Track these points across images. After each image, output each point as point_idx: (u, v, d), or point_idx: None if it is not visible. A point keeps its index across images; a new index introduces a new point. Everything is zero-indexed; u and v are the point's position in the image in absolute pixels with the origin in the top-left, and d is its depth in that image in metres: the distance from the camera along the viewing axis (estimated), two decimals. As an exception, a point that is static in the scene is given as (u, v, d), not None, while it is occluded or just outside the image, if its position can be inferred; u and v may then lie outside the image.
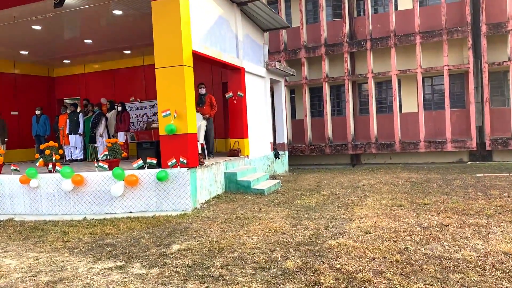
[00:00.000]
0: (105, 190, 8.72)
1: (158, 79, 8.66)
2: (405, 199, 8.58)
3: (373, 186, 10.48)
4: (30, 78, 15.76)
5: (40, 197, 9.07)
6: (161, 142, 8.71)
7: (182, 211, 8.44)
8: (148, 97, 14.99)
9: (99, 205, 8.76)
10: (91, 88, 15.93)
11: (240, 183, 10.06)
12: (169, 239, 6.19)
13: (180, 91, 8.50)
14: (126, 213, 8.59)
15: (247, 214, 7.68)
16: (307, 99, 16.63)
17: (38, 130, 13.52)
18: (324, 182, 11.60)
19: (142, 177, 8.65)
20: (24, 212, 9.18)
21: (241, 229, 6.54)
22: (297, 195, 9.62)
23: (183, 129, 8.51)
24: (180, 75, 8.48)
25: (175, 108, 8.47)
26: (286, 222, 6.93)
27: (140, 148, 8.98)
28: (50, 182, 8.98)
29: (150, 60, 14.94)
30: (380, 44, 15.45)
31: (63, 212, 8.92)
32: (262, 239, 5.94)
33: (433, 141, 14.91)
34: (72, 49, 13.71)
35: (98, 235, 6.71)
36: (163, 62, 8.58)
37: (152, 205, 8.64)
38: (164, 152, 8.66)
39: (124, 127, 12.33)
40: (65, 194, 8.92)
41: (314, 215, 7.40)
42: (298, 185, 11.24)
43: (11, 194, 9.28)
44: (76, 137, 12.71)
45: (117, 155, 9.03)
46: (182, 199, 8.49)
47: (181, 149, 8.52)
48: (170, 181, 8.55)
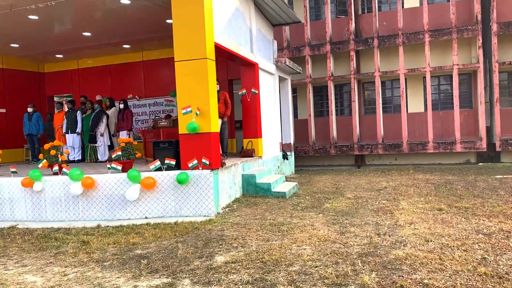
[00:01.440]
0: (118, 193, 7.98)
1: (178, 74, 7.96)
2: (440, 202, 8.12)
3: (395, 188, 10.00)
4: (19, 73, 14.77)
5: (44, 201, 8.25)
6: (181, 142, 8.02)
7: (204, 216, 7.78)
8: (147, 94, 14.22)
9: (112, 210, 8.01)
10: (85, 85, 15.03)
11: (259, 186, 9.44)
12: (208, 249, 5.53)
13: (203, 86, 7.82)
14: (141, 219, 7.87)
15: (279, 220, 7.08)
16: (311, 98, 16.11)
17: (31, 129, 12.59)
18: (341, 184, 11.08)
19: (160, 179, 7.95)
20: (26, 219, 8.35)
21: (285, 238, 5.93)
22: (321, 199, 9.06)
23: (205, 127, 7.84)
24: (203, 69, 7.80)
25: (197, 104, 7.79)
26: (329, 229, 6.35)
27: (157, 148, 8.26)
28: (56, 185, 8.17)
29: (149, 56, 14.21)
30: (388, 42, 15.05)
31: (70, 218, 8.13)
32: (315, 249, 5.34)
33: (442, 142, 14.59)
34: (68, 43, 12.82)
35: (123, 245, 5.99)
36: (184, 54, 7.89)
37: (171, 210, 7.95)
38: (184, 153, 7.97)
39: (126, 126, 11.55)
40: (73, 199, 8.13)
41: (354, 221, 6.85)
42: (315, 187, 10.68)
43: (11, 199, 8.43)
44: (74, 136, 11.84)
45: (131, 155, 8.29)
46: (204, 204, 7.81)
47: (203, 149, 7.84)
48: (191, 184, 7.87)
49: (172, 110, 13.89)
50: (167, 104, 13.99)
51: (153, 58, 14.14)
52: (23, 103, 14.48)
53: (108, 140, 11.72)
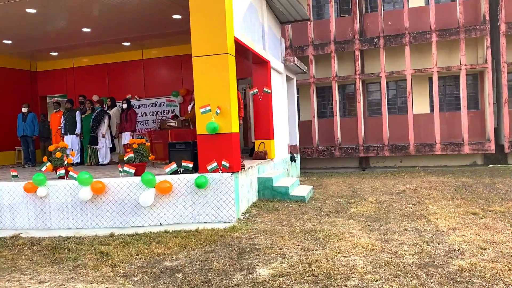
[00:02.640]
0: (130, 199, 7.40)
1: (196, 70, 7.42)
2: (471, 206, 7.75)
3: (415, 191, 9.62)
4: (10, 72, 14.01)
5: (49, 208, 7.62)
6: (199, 143, 7.48)
7: (224, 222, 7.25)
8: (147, 94, 13.62)
9: (124, 217, 7.42)
10: (80, 84, 14.35)
11: (276, 190, 8.94)
12: (245, 261, 5.01)
13: (224, 83, 7.30)
14: (156, 226, 7.31)
15: (309, 227, 6.60)
16: (314, 99, 15.69)
17: (25, 130, 11.86)
18: (356, 187, 10.65)
19: (176, 183, 7.39)
20: (29, 226, 7.70)
21: (325, 247, 5.45)
22: (341, 203, 8.61)
23: (226, 127, 7.32)
24: (224, 65, 7.29)
25: (217, 103, 7.26)
26: (369, 236, 5.89)
27: (172, 150, 7.70)
28: (62, 191, 7.55)
29: (149, 54, 13.63)
30: (394, 42, 14.73)
31: (78, 226, 7.51)
32: (366, 259, 4.86)
33: (449, 144, 14.31)
34: (65, 39, 12.16)
35: (148, 256, 5.43)
36: (203, 49, 7.36)
37: (188, 216, 7.40)
38: (202, 155, 7.43)
39: (130, 127, 10.94)
40: (80, 205, 7.51)
41: (391, 227, 6.41)
42: (330, 190, 10.23)
43: (11, 205, 7.77)
44: (73, 138, 11.17)
45: (144, 157, 7.72)
46: (225, 209, 7.28)
47: (223, 151, 7.32)
48: (210, 188, 7.34)
49: (174, 111, 13.31)
50: (169, 104, 13.41)
51: (154, 57, 13.57)
52: (14, 103, 13.77)
53: (110, 142, 11.08)
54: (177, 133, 9.86)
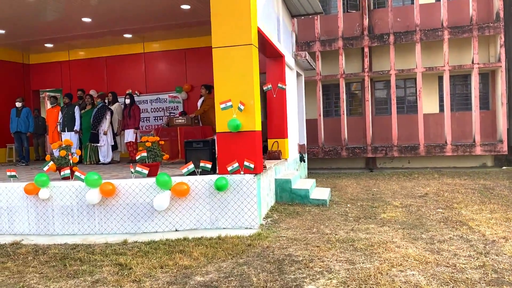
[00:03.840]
0: (143, 202, 6.75)
1: (217, 62, 6.80)
2: (506, 211, 7.28)
3: (438, 195, 9.14)
4: (1, 64, 13.18)
5: (51, 211, 6.93)
6: (219, 142, 6.86)
7: (246, 228, 6.66)
8: (149, 90, 12.92)
9: (136, 222, 6.78)
10: (76, 78, 13.59)
11: (295, 192, 8.37)
12: (288, 276, 4.43)
13: (247, 77, 6.69)
14: (171, 232, 6.70)
15: (342, 235, 6.04)
16: (321, 97, 15.14)
17: (19, 126, 11.09)
18: (373, 190, 10.14)
19: (193, 185, 6.77)
20: (29, 232, 7.00)
21: (372, 259, 4.89)
22: (366, 207, 8.08)
23: (249, 125, 6.71)
24: (248, 57, 6.68)
25: (240, 98, 6.65)
26: (416, 246, 5.35)
27: (189, 149, 7.06)
28: (66, 192, 6.86)
29: (151, 47, 12.95)
30: (405, 38, 14.26)
31: (84, 231, 6.84)
32: (426, 275, 4.32)
33: (460, 144, 13.89)
34: (63, 29, 11.40)
35: (174, 268, 4.80)
36: (224, 40, 6.73)
37: (205, 221, 6.79)
38: (222, 154, 6.82)
39: (133, 124, 10.25)
40: (87, 208, 6.84)
41: (434, 236, 5.89)
42: (348, 193, 9.70)
43: (9, 208, 7.05)
44: (71, 134, 10.43)
45: (158, 157, 7.07)
46: (246, 214, 6.69)
47: (246, 150, 6.71)
48: (230, 190, 6.73)
49: (177, 107, 12.65)
50: (172, 100, 12.74)
51: (156, 50, 12.87)
52: (5, 98, 13.01)
53: (111, 140, 10.38)
54: (187, 130, 9.23)
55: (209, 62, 12.27)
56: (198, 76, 12.43)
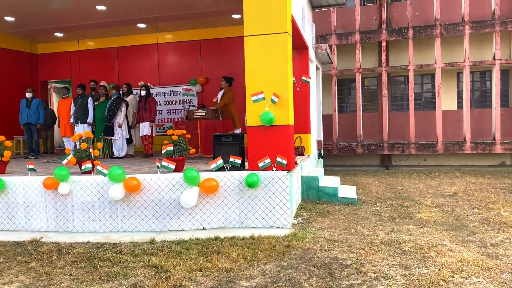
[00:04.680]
0: (169, 198, 6.39)
1: (248, 52, 6.42)
2: (548, 213, 6.94)
3: (468, 194, 8.81)
4: (8, 53, 12.72)
5: (71, 207, 6.55)
6: (249, 136, 6.48)
7: (277, 227, 6.31)
8: (162, 82, 12.50)
9: (161, 219, 6.41)
10: (86, 69, 13.13)
11: (322, 190, 8.02)
12: (342, 282, 4.08)
13: (282, 67, 6.32)
14: (199, 230, 6.35)
15: (384, 236, 5.69)
16: (336, 92, 14.77)
17: (29, 117, 10.66)
18: (398, 188, 9.79)
19: (222, 181, 6.40)
20: (47, 228, 6.63)
21: (427, 264, 4.54)
22: (397, 207, 7.73)
23: (283, 118, 6.33)
24: (283, 47, 6.29)
25: (273, 90, 6.27)
26: (469, 250, 5.00)
27: (218, 143, 6.68)
28: (87, 187, 6.49)
29: (164, 38, 12.52)
30: (424, 33, 13.88)
31: (106, 229, 6.47)
32: (495, 283, 3.97)
33: (480, 142, 13.55)
34: (74, 18, 10.94)
35: (215, 272, 4.44)
36: (257, 28, 6.35)
37: (234, 219, 6.43)
38: (253, 150, 6.45)
39: (149, 116, 9.84)
40: (109, 204, 6.47)
41: (484, 238, 5.56)
42: (373, 192, 9.35)
43: (26, 203, 6.68)
44: (84, 127, 10.02)
45: (184, 151, 6.69)
46: (278, 212, 6.33)
47: (278, 145, 6.34)
48: (261, 187, 6.37)
49: (191, 100, 12.25)
50: (185, 93, 12.33)
51: (170, 41, 12.44)
52: (12, 88, 12.57)
53: (126, 133, 9.98)
54: (207, 124, 8.85)
55: (225, 54, 12.11)
56: (213, 68, 12.02)
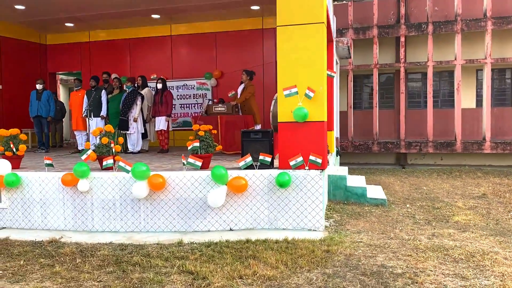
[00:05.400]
0: (195, 197, 6.04)
1: (281, 43, 6.04)
2: None
3: (498, 195, 8.50)
4: (17, 43, 12.35)
5: (91, 205, 6.20)
6: (281, 133, 6.12)
7: (309, 230, 5.97)
8: (175, 75, 12.12)
9: (186, 219, 6.06)
10: (97, 61, 12.76)
11: (350, 190, 7.67)
12: (399, 294, 3.72)
13: (318, 60, 5.95)
14: (225, 231, 6.02)
15: (427, 242, 5.36)
16: (351, 88, 14.40)
17: (40, 109, 10.29)
18: (423, 188, 9.46)
19: (251, 180, 6.05)
20: (64, 227, 6.28)
21: (485, 274, 4.20)
22: (428, 208, 7.39)
23: (317, 114, 5.98)
24: (319, 38, 5.93)
25: (307, 84, 5.91)
26: (525, 258, 4.65)
27: (246, 140, 6.32)
28: (108, 185, 6.13)
29: (179, 30, 12.13)
30: (444, 28, 13.51)
31: (127, 229, 6.13)
32: None
33: (500, 142, 13.20)
34: (86, 7, 10.56)
35: (256, 280, 4.10)
36: (292, 17, 5.97)
37: (263, 220, 6.09)
38: (284, 147, 6.09)
39: (165, 110, 9.48)
40: (132, 203, 6.12)
41: (533, 244, 5.20)
42: (399, 192, 9.02)
43: (43, 200, 6.32)
44: (97, 121, 9.66)
45: (210, 148, 6.33)
46: (310, 214, 5.98)
47: (311, 143, 5.98)
48: (292, 187, 6.02)
49: (205, 95, 11.88)
50: (199, 87, 11.96)
51: (184, 33, 12.05)
52: (20, 79, 12.21)
53: (142, 127, 9.62)
54: (228, 120, 8.49)
55: (242, 47, 11.73)
56: (229, 61, 11.65)
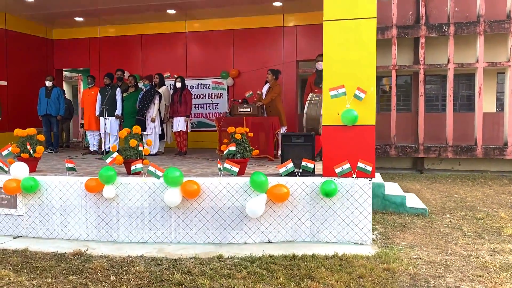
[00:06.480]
0: (231, 206, 5.54)
1: (328, 39, 5.56)
2: None
3: (538, 205, 8.04)
4: (23, 37, 11.77)
5: (116, 213, 5.68)
6: (325, 137, 5.64)
7: (355, 243, 5.49)
8: (190, 74, 11.58)
9: (221, 230, 5.57)
10: (107, 57, 12.23)
11: (388, 199, 7.20)
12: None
13: (369, 58, 5.50)
14: (264, 243, 5.54)
15: (489, 258, 4.91)
16: (368, 90, 13.92)
17: (49, 108, 9.75)
18: (454, 196, 9.00)
19: (292, 188, 5.56)
20: (86, 237, 5.75)
21: None
22: (470, 219, 6.93)
23: (367, 118, 5.50)
24: (370, 34, 5.48)
25: (356, 84, 5.43)
26: None
27: (287, 144, 5.83)
28: (136, 191, 5.62)
29: (194, 26, 11.62)
30: (466, 30, 13.08)
31: (157, 239, 5.62)
32: None
33: (523, 147, 12.79)
34: (99, 1, 10.04)
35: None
36: (340, 11, 5.50)
37: (304, 232, 5.61)
38: (328, 152, 5.61)
39: (185, 111, 8.97)
40: (162, 211, 5.61)
41: None
42: (431, 200, 8.55)
43: (63, 207, 5.79)
44: (112, 120, 9.13)
45: (247, 152, 5.83)
46: (357, 226, 5.50)
47: (360, 149, 5.51)
48: (337, 197, 5.54)
49: (221, 94, 11.38)
50: (215, 86, 11.46)
51: (199, 30, 11.53)
52: (27, 76, 11.65)
53: (159, 128, 9.10)
54: (254, 121, 7.99)
55: (261, 45, 11.22)
56: (247, 60, 11.16)
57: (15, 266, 4.61)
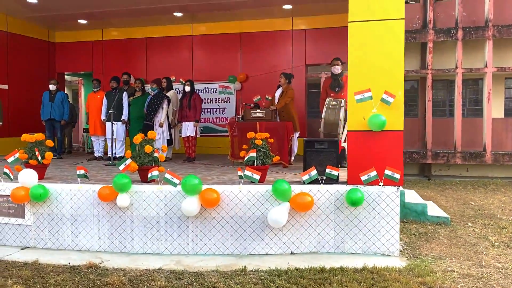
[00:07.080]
0: (251, 215, 5.29)
1: (354, 41, 5.33)
2: None
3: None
4: (25, 40, 11.50)
5: (130, 223, 5.40)
6: (350, 143, 5.40)
7: (381, 254, 5.24)
8: (196, 78, 11.30)
9: (241, 240, 5.30)
10: (110, 61, 11.97)
11: (409, 207, 6.95)
12: None
13: (397, 62, 5.25)
14: (286, 255, 5.28)
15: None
16: (375, 95, 13.74)
17: (53, 112, 9.46)
18: (470, 204, 8.78)
19: (316, 197, 5.31)
20: (98, 248, 5.46)
21: None
22: (494, 228, 6.70)
23: (395, 123, 5.26)
24: (399, 35, 5.23)
25: (385, 87, 5.19)
26: None
27: (310, 150, 5.58)
28: (152, 199, 5.34)
29: (200, 30, 11.38)
30: (475, 34, 12.93)
31: (173, 251, 5.34)
32: None
33: (533, 154, 12.63)
34: (104, 3, 9.79)
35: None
36: (366, 12, 5.27)
37: (328, 243, 5.35)
38: (353, 159, 5.37)
39: (194, 115, 8.71)
40: (179, 221, 5.34)
41: None
42: (448, 208, 8.32)
43: (74, 216, 5.50)
44: (118, 125, 8.85)
45: (267, 158, 5.58)
46: (384, 236, 5.25)
47: (388, 155, 5.26)
48: (363, 205, 5.29)
49: (228, 99, 11.13)
50: (222, 91, 11.22)
51: (206, 33, 11.31)
52: (29, 79, 11.37)
53: (167, 133, 8.83)
54: (268, 126, 7.73)
55: (269, 49, 11.00)
56: (255, 64, 10.94)
57: (26, 280, 4.32)
